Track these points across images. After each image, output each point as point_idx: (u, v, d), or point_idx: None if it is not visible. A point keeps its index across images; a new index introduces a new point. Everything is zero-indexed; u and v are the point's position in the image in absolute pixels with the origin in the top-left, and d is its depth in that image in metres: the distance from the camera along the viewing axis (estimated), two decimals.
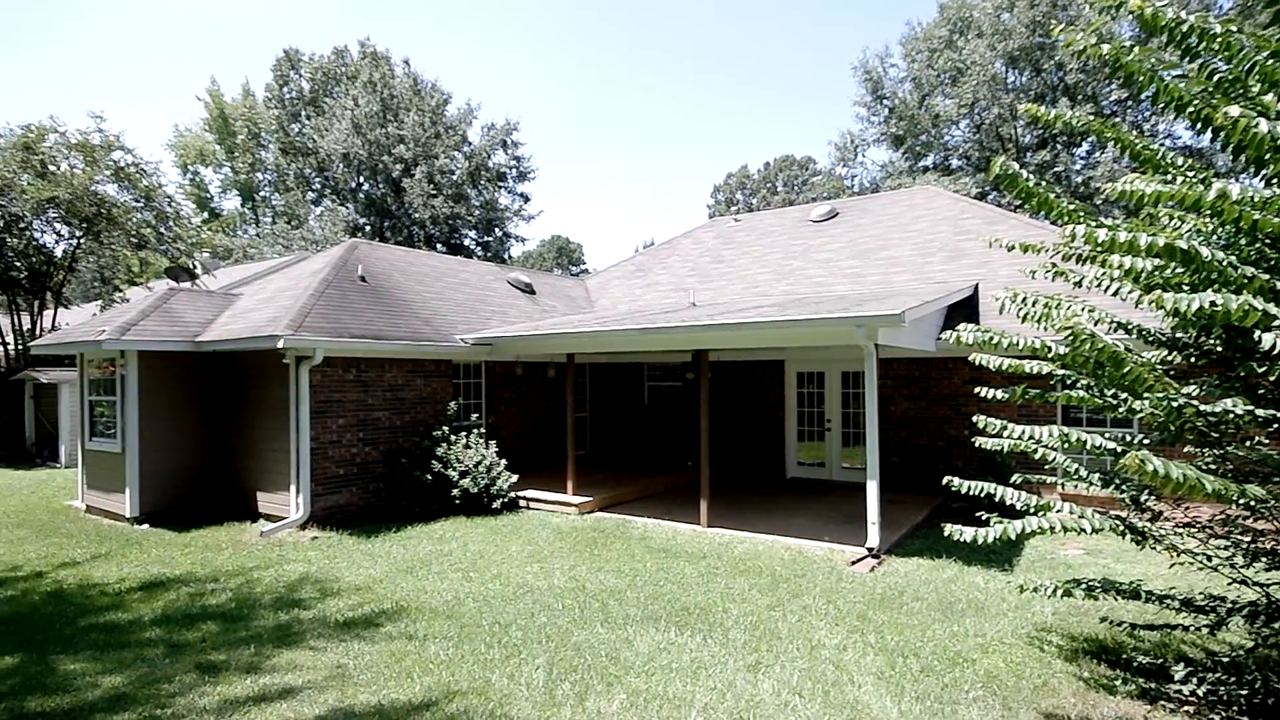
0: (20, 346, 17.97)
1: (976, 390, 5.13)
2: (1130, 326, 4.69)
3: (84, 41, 64.99)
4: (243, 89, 44.41)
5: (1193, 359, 4.33)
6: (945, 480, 4.46)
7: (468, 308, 12.58)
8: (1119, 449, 4.19)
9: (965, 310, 10.36)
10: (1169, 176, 3.98)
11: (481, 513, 10.17)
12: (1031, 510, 3.94)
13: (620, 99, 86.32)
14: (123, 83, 67.26)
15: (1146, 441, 4.61)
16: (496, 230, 43.15)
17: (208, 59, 66.92)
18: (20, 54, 63.14)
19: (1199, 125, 3.35)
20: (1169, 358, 4.44)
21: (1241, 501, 3.28)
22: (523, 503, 10.78)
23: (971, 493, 4.14)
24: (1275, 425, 3.31)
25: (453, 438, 10.35)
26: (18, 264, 17.74)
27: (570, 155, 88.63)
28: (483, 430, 11.29)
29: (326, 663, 5.03)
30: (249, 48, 65.75)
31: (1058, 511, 3.87)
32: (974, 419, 4.79)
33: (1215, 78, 3.40)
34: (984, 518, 4.03)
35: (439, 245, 39.63)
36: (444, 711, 4.29)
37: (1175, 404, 3.36)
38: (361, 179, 40.27)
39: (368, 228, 38.84)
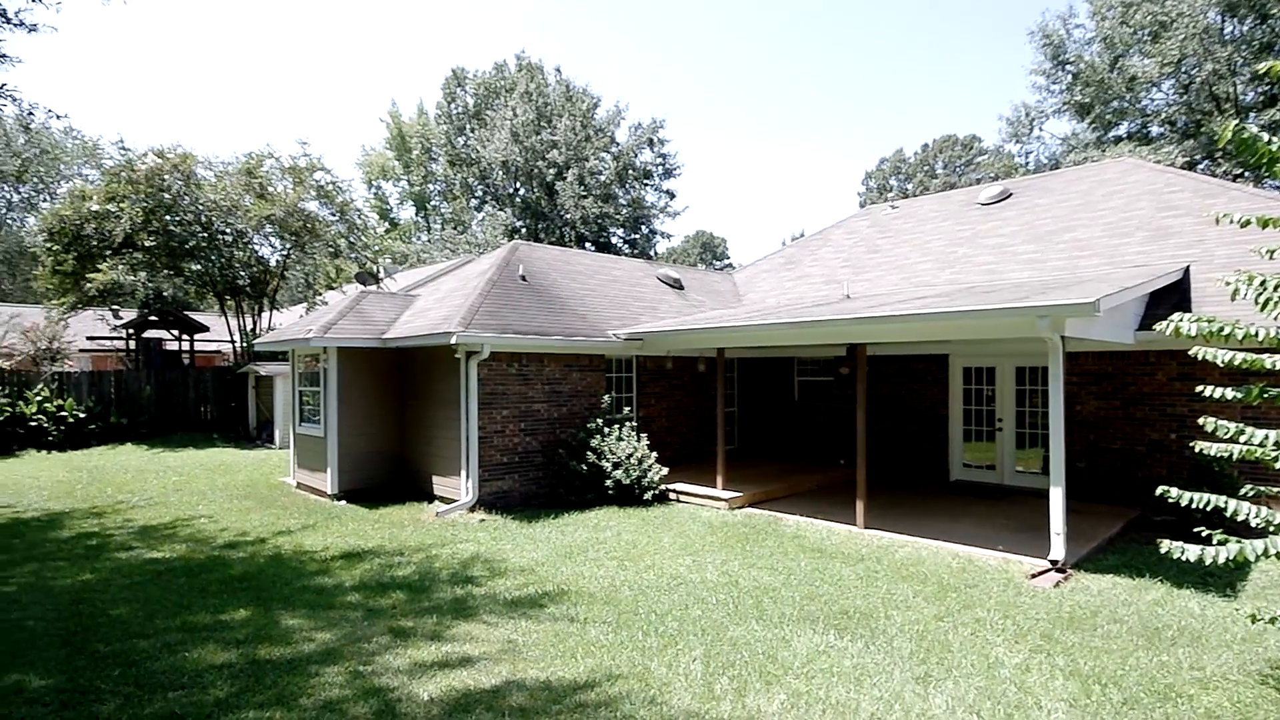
0: (244, 344, 20.97)
1: (1199, 389, 4.42)
2: None
3: (290, 76, 74.46)
4: (417, 109, 48.75)
5: None
6: (1159, 490, 3.92)
7: (619, 304, 12.93)
8: None
9: (1173, 297, 9.07)
10: None
11: (632, 504, 10.43)
12: (1275, 528, 3.36)
13: (766, 88, 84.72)
14: (322, 110, 76.27)
15: None
16: (643, 227, 44.09)
17: (390, 83, 74.16)
18: (247, 93, 73.54)
19: None
20: None
21: None
22: (672, 495, 10.92)
23: (1194, 505, 3.61)
24: None
25: (606, 430, 10.69)
26: (242, 273, 20.69)
27: (715, 149, 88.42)
28: (634, 423, 11.56)
29: (498, 637, 5.39)
30: (425, 70, 72.06)
31: None
32: (1200, 420, 4.15)
33: None
34: (1205, 534, 3.50)
35: (588, 244, 41.17)
36: (606, 693, 4.44)
37: None
38: (518, 184, 42.75)
39: (523, 230, 41.16)
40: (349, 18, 70.10)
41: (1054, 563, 7.01)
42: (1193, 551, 3.22)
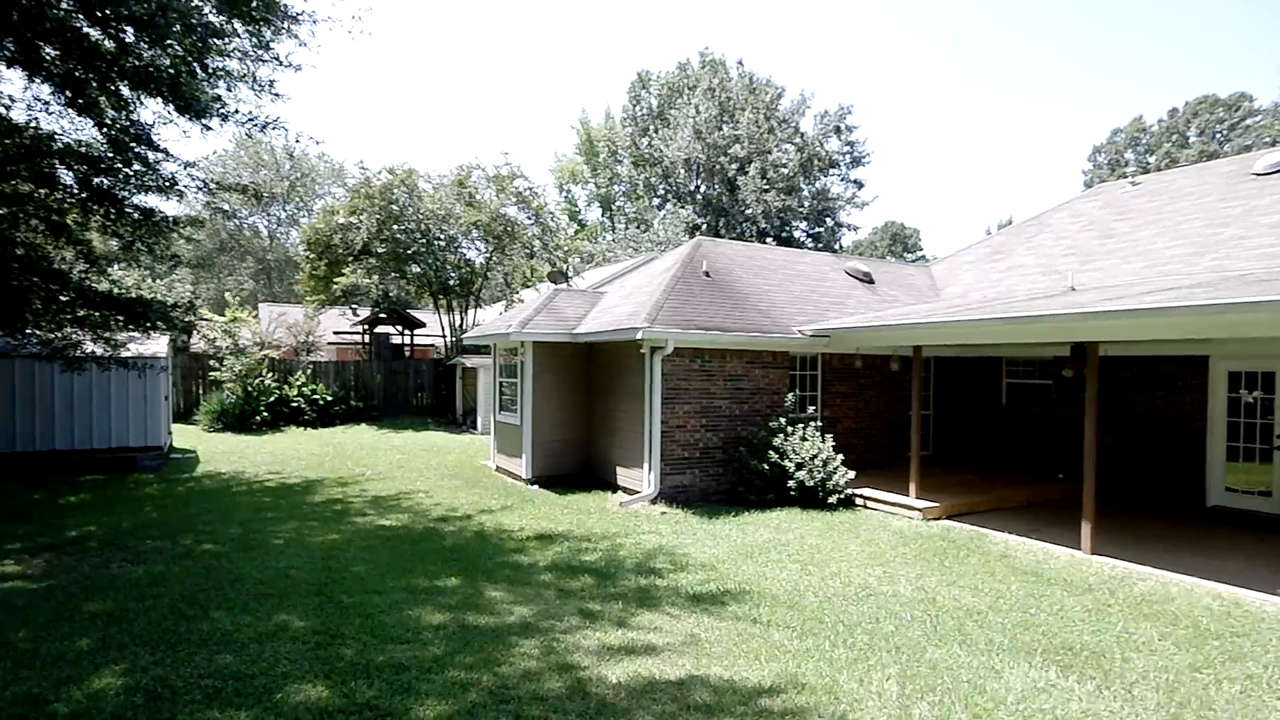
0: (453, 338, 23.28)
1: None
2: None
3: (497, 92, 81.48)
4: (605, 114, 51.00)
5: None
6: None
7: (804, 299, 12.50)
8: None
9: None
10: None
11: (816, 506, 10.02)
12: None
13: (968, 59, 77.50)
14: (521, 121, 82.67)
15: None
16: (827, 220, 42.46)
17: (582, 93, 78.51)
18: (461, 110, 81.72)
19: None
20: None
21: None
22: (859, 501, 10.34)
23: None
24: None
25: (789, 429, 10.38)
26: (453, 274, 22.98)
27: (907, 134, 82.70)
28: (818, 423, 11.11)
29: (681, 630, 5.41)
30: (613, 76, 75.37)
31: None
32: None
33: None
34: None
35: (769, 239, 40.44)
36: (792, 701, 4.27)
37: None
38: (699, 181, 43.09)
39: (704, 226, 41.40)
40: (547, 31, 75.21)
41: None
42: None
